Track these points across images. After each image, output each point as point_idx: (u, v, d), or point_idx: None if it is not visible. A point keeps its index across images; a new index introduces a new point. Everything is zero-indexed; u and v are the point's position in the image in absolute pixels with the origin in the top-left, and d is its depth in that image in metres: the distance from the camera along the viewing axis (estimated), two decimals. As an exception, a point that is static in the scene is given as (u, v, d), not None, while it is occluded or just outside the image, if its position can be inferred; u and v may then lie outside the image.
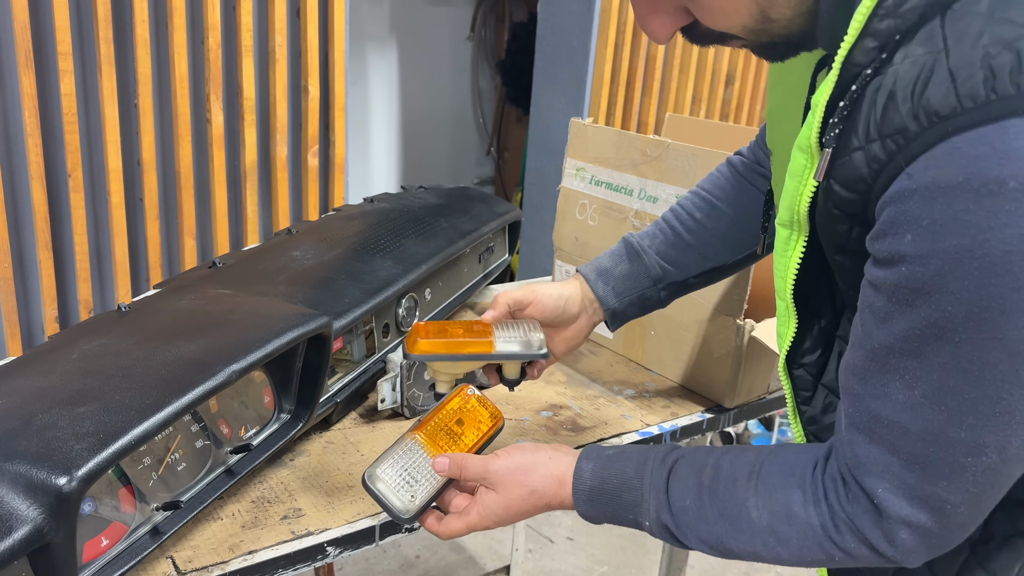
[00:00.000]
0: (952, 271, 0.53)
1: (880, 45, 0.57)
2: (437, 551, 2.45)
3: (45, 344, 0.95)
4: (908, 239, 0.55)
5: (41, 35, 1.78)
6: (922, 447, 0.60)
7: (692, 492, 0.73)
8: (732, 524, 0.71)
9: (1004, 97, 0.50)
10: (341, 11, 2.15)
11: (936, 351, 0.57)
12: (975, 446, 0.58)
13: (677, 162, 1.26)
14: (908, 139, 0.54)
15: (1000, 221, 0.50)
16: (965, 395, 0.57)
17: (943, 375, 0.57)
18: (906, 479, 0.62)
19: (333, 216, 1.47)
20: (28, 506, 0.67)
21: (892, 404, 0.61)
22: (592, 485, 0.78)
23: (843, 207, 0.62)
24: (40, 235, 1.84)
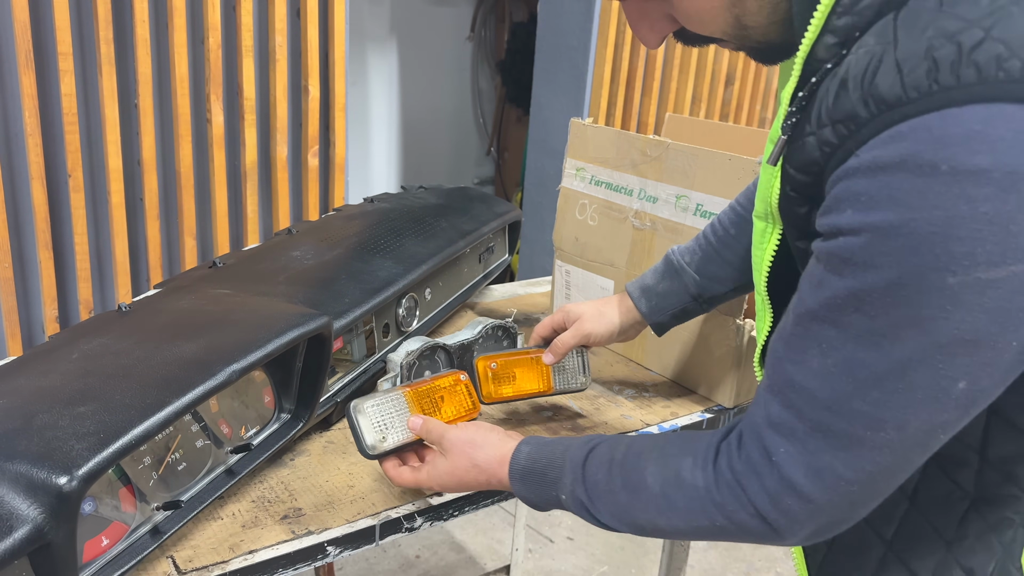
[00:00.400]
0: (878, 244, 0.55)
1: (840, 41, 0.60)
2: (437, 551, 2.45)
3: (45, 344, 0.95)
4: (847, 213, 0.57)
5: (41, 35, 1.78)
6: (826, 416, 0.61)
7: (604, 467, 0.77)
8: (632, 494, 0.74)
9: (945, 88, 0.52)
10: (341, 11, 2.15)
11: (852, 322, 0.58)
12: (876, 420, 0.59)
13: (677, 162, 1.27)
14: (859, 125, 0.56)
15: (929, 202, 0.52)
16: (873, 368, 0.58)
17: (856, 347, 0.59)
18: (807, 445, 0.63)
19: (333, 216, 1.47)
20: (28, 506, 0.67)
21: (806, 370, 0.62)
22: (525, 466, 0.83)
23: (800, 190, 0.65)
24: (40, 235, 1.84)
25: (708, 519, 0.69)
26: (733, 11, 0.64)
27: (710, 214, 1.22)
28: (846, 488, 0.62)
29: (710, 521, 0.69)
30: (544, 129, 2.95)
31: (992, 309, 0.54)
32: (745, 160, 1.17)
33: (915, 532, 0.72)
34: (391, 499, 0.97)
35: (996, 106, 0.51)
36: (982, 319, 0.54)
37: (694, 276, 1.08)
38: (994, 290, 0.53)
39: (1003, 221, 0.52)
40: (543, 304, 1.66)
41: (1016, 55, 0.51)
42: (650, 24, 0.71)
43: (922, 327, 0.56)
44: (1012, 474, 0.68)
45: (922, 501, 0.72)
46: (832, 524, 0.66)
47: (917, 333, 0.56)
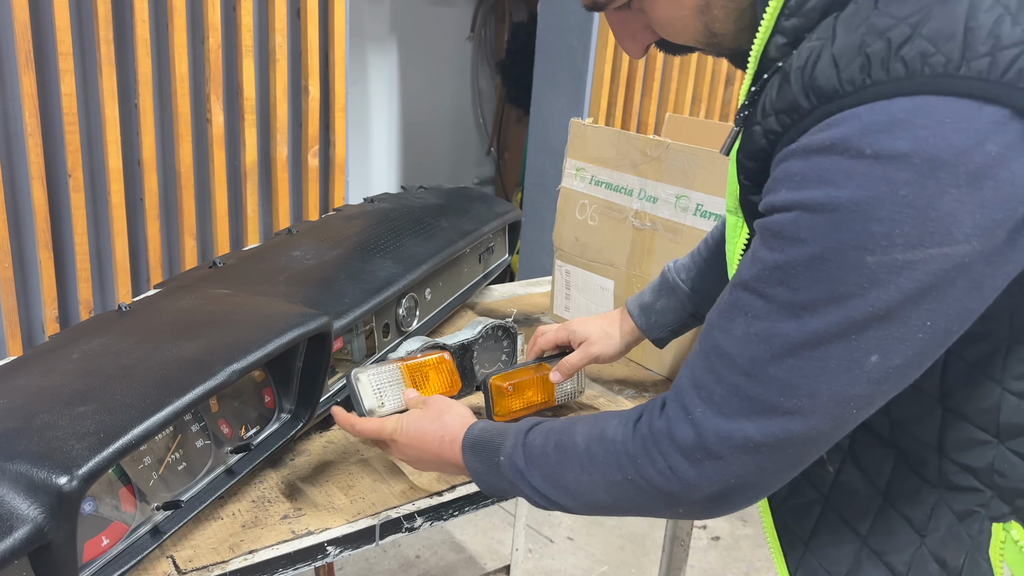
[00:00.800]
0: (805, 220, 0.59)
1: (790, 41, 0.63)
2: (437, 551, 2.45)
3: (45, 344, 0.95)
4: (782, 192, 0.61)
5: (41, 35, 1.78)
6: (744, 380, 0.64)
7: (543, 433, 0.81)
8: (561, 452, 0.78)
9: (877, 82, 0.55)
10: (341, 11, 2.15)
11: (777, 294, 0.61)
12: (789, 386, 0.62)
13: (677, 162, 1.27)
14: (801, 115, 0.60)
15: (853, 182, 0.56)
16: (791, 338, 0.61)
17: (779, 317, 0.62)
18: (723, 408, 0.65)
19: (333, 216, 1.47)
20: (29, 505, 0.67)
21: (730, 337, 0.65)
22: (477, 435, 0.88)
23: (751, 178, 0.68)
24: (40, 235, 1.85)
25: (621, 472, 0.72)
26: (702, 19, 0.68)
27: (710, 214, 1.22)
28: (754, 452, 0.65)
29: (623, 475, 0.72)
30: (544, 129, 2.95)
31: (907, 289, 0.57)
32: (745, 160, 1.17)
33: (889, 526, 0.74)
34: (391, 499, 0.97)
35: (921, 98, 0.54)
36: (896, 298, 0.57)
37: (689, 292, 1.10)
38: (910, 271, 0.56)
39: (921, 205, 0.54)
40: (543, 304, 1.66)
41: (940, 51, 0.54)
42: (631, 35, 0.75)
43: (840, 302, 0.58)
44: (970, 467, 0.69)
45: (894, 496, 0.74)
46: (740, 489, 0.67)
47: (835, 307, 0.59)
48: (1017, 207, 0.55)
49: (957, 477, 0.70)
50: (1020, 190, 0.55)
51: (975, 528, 0.70)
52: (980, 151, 0.53)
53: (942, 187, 0.54)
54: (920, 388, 0.69)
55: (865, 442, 0.75)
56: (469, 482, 1.01)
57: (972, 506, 0.70)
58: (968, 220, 0.55)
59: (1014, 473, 0.67)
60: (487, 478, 0.86)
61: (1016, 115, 0.54)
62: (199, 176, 2.08)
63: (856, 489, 0.76)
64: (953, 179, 0.54)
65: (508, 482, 0.83)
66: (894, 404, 0.71)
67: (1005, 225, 0.55)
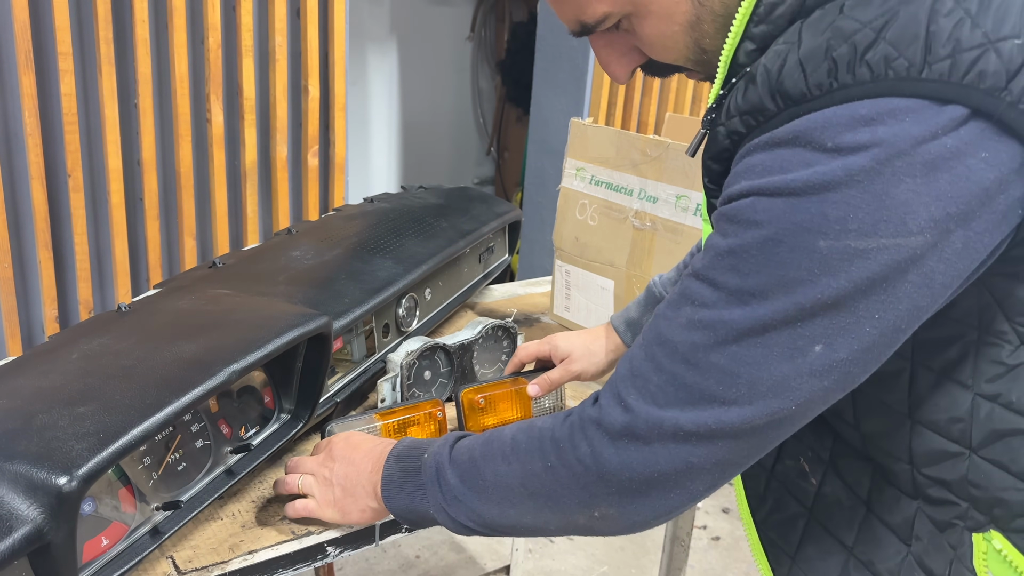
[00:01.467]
0: (761, 204, 0.59)
1: (759, 48, 0.64)
2: (437, 551, 2.45)
3: (45, 344, 0.95)
4: (742, 183, 0.61)
5: (41, 35, 1.78)
6: (682, 368, 0.63)
7: (474, 438, 0.79)
8: (486, 445, 0.76)
9: (844, 85, 0.56)
10: (341, 11, 2.15)
11: (727, 280, 0.61)
12: (729, 374, 0.61)
13: (677, 162, 1.26)
14: (767, 117, 0.60)
15: (811, 170, 0.56)
16: (736, 325, 0.60)
17: (726, 304, 0.61)
18: (657, 398, 0.64)
19: (333, 216, 1.47)
20: (28, 506, 0.67)
21: (674, 324, 0.64)
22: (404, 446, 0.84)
23: (715, 180, 0.68)
24: (40, 235, 1.84)
25: (542, 459, 0.70)
26: (692, 35, 0.68)
27: (710, 214, 1.22)
28: (683, 441, 0.63)
29: (543, 462, 0.70)
30: (544, 129, 2.95)
31: (857, 279, 0.57)
32: (745, 160, 1.17)
33: (875, 535, 0.73)
34: (391, 499, 0.97)
35: (884, 100, 0.55)
36: (846, 286, 0.57)
37: None
38: (862, 260, 0.56)
39: (876, 192, 0.55)
40: (543, 304, 1.66)
41: (903, 55, 0.55)
42: (618, 57, 0.74)
43: (788, 287, 0.58)
44: (942, 480, 0.68)
45: (876, 505, 0.73)
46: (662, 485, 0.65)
47: (783, 293, 0.58)
48: (971, 202, 0.55)
49: (931, 490, 0.69)
50: (974, 186, 0.55)
51: (955, 539, 0.69)
52: (936, 143, 0.54)
53: (898, 176, 0.55)
54: (887, 402, 0.68)
55: (844, 454, 0.74)
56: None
57: (949, 518, 0.69)
58: (923, 212, 0.55)
59: (989, 483, 0.66)
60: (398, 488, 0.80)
61: (975, 115, 0.55)
62: (199, 176, 2.08)
63: (839, 500, 0.75)
64: (909, 168, 0.55)
65: (420, 488, 0.78)
66: (863, 418, 0.71)
67: (958, 219, 0.56)
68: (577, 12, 0.69)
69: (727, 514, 2.74)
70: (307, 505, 0.89)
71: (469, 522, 0.76)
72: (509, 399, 1.11)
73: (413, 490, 0.80)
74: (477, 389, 1.09)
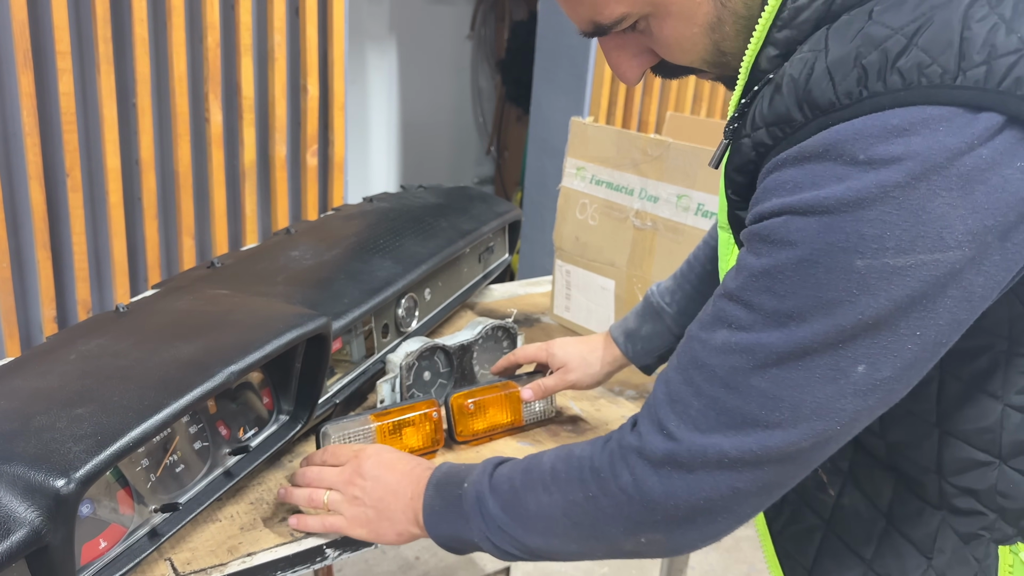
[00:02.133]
0: (795, 222, 0.57)
1: (782, 53, 0.62)
2: (436, 552, 2.45)
3: (43, 345, 0.94)
4: (772, 201, 0.59)
5: (39, 34, 1.78)
6: (723, 393, 0.62)
7: (514, 463, 0.78)
8: (526, 474, 0.75)
9: (874, 93, 0.55)
10: (340, 10, 2.15)
11: (763, 302, 0.60)
12: (771, 399, 0.60)
13: (678, 162, 1.26)
14: (794, 128, 0.59)
15: (844, 185, 0.55)
16: (775, 347, 0.59)
17: (763, 327, 0.60)
18: (699, 423, 0.63)
19: (332, 216, 1.47)
20: (26, 508, 0.66)
21: (711, 348, 0.63)
22: (443, 472, 0.83)
23: (739, 192, 0.67)
24: (38, 235, 1.84)
25: (583, 489, 0.69)
26: (712, 37, 0.66)
27: (711, 214, 1.22)
28: (728, 468, 0.62)
29: (584, 492, 0.69)
30: (544, 128, 2.94)
31: (897, 297, 0.55)
32: (746, 160, 1.16)
33: (894, 549, 0.72)
34: (391, 501, 0.97)
35: (917, 108, 0.54)
36: (886, 305, 0.56)
37: (674, 317, 1.07)
38: (900, 277, 0.55)
39: (912, 207, 0.54)
40: (543, 304, 1.66)
41: (936, 62, 0.53)
42: (629, 59, 0.71)
43: (827, 309, 0.57)
44: (971, 490, 0.68)
45: (896, 518, 0.72)
46: (708, 512, 0.64)
47: (822, 315, 0.57)
48: (1008, 213, 0.54)
49: (958, 500, 0.68)
50: (1012, 196, 0.54)
51: (981, 551, 0.69)
52: (972, 155, 0.53)
53: (933, 190, 0.53)
54: (914, 412, 0.67)
55: (864, 464, 0.73)
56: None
57: (975, 529, 0.68)
58: (959, 225, 0.54)
59: (1018, 493, 0.65)
60: (441, 517, 0.80)
61: (1011, 122, 0.53)
62: (197, 176, 2.07)
63: (858, 512, 0.74)
64: (944, 182, 0.53)
65: (463, 517, 0.77)
66: (889, 428, 0.69)
67: (996, 231, 0.55)
68: (592, 13, 0.66)
69: (727, 514, 2.74)
70: (334, 523, 0.87)
71: (514, 550, 0.75)
72: (499, 404, 1.11)
73: (457, 519, 0.79)
74: (467, 394, 1.09)
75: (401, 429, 1.03)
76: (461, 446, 1.10)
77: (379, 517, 0.85)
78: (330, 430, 0.98)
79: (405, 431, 1.03)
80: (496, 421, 1.11)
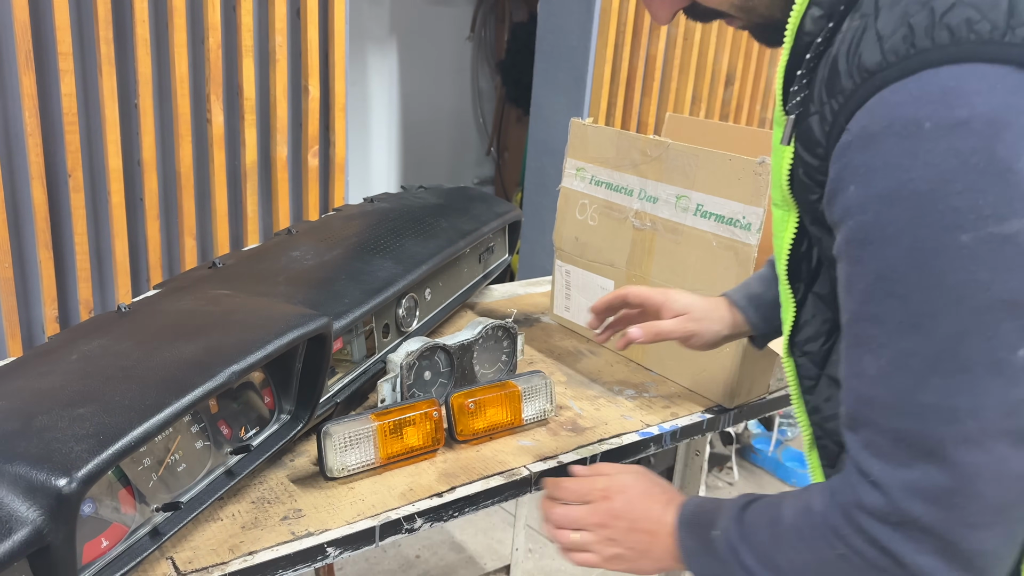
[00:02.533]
0: (887, 215, 0.55)
1: (826, 14, 0.62)
2: (437, 551, 2.45)
3: (45, 345, 0.95)
4: (851, 190, 0.57)
5: (41, 35, 1.78)
6: (900, 421, 0.59)
7: (757, 510, 0.74)
8: (772, 528, 0.71)
9: (921, 50, 0.54)
10: (341, 11, 2.15)
11: (889, 311, 0.57)
12: (948, 411, 0.56)
13: (677, 162, 1.26)
14: (847, 97, 0.58)
15: (920, 161, 0.54)
16: (923, 354, 0.56)
17: (900, 336, 0.57)
18: (896, 458, 0.59)
19: (333, 216, 1.47)
20: (28, 508, 0.67)
21: (866, 380, 0.61)
22: (691, 510, 0.80)
23: (810, 173, 0.65)
24: (40, 235, 1.84)
25: (830, 548, 0.64)
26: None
27: (710, 214, 1.22)
28: (948, 501, 0.57)
29: (832, 550, 0.64)
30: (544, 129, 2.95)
31: (1018, 265, 0.53)
32: (745, 160, 1.17)
33: None
34: (391, 500, 0.97)
35: (968, 65, 0.53)
36: (1011, 277, 0.53)
37: None
38: (1012, 245, 0.53)
39: (997, 170, 0.52)
40: (543, 304, 1.66)
41: (986, 17, 0.53)
42: None
43: (954, 294, 0.54)
44: None
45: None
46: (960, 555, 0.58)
47: (951, 302, 0.54)
48: None
49: None
50: None
51: None
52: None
53: (1012, 148, 0.52)
54: None
55: None
56: (469, 482, 1.01)
57: None
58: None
59: None
60: (700, 558, 0.77)
61: None
62: (199, 176, 2.08)
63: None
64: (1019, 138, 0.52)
65: (720, 562, 0.74)
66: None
67: None
68: None
69: (727, 514, 2.74)
70: (587, 559, 0.86)
71: None
72: (499, 403, 1.12)
73: (714, 563, 0.75)
74: (467, 393, 1.09)
75: (402, 428, 1.03)
76: (461, 445, 1.10)
77: (638, 557, 0.83)
78: (331, 429, 0.98)
79: (406, 430, 1.03)
80: (496, 420, 1.12)
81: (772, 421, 3.01)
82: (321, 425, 1.00)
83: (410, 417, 1.04)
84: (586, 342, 1.49)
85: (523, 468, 1.06)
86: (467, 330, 1.23)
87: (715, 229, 1.21)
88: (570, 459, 1.09)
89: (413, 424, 1.04)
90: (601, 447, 1.13)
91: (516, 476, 1.04)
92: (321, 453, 0.99)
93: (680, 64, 2.91)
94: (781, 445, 3.07)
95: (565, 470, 1.09)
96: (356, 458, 1.00)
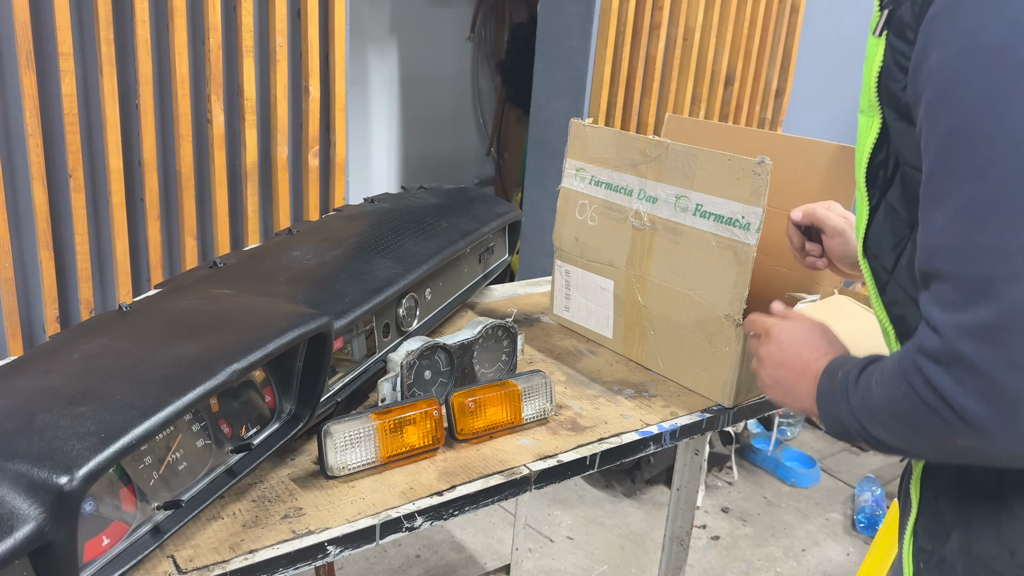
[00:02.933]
0: (961, 70, 0.60)
1: None
2: (437, 550, 2.45)
3: (46, 344, 0.95)
4: (932, 55, 0.63)
5: (42, 35, 1.78)
6: (960, 265, 0.63)
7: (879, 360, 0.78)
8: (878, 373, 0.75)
9: None
10: (341, 11, 2.15)
11: (959, 160, 0.62)
12: (1001, 251, 0.60)
13: (677, 162, 1.27)
14: None
15: (995, 18, 0.60)
16: (985, 197, 0.61)
17: (967, 182, 0.62)
18: (956, 303, 0.63)
19: (333, 216, 1.47)
20: (29, 505, 0.67)
21: (938, 232, 0.65)
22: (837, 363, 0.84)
23: (898, 58, 0.70)
24: (41, 235, 1.85)
25: (898, 386, 0.69)
26: None
27: (710, 214, 1.23)
28: (994, 338, 0.60)
29: (899, 388, 0.69)
30: (544, 129, 2.95)
31: None
32: (744, 160, 1.17)
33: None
34: (391, 499, 0.98)
35: None
36: None
37: None
38: None
39: None
40: (543, 304, 1.66)
41: None
42: None
43: (1015, 137, 0.59)
44: None
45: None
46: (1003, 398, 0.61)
47: (1012, 146, 0.59)
48: None
49: None
50: None
51: None
52: None
53: None
54: None
55: None
56: (469, 481, 1.02)
57: None
58: None
59: None
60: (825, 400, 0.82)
61: None
62: (199, 176, 2.08)
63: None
64: None
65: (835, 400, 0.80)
66: None
67: None
68: None
69: (726, 514, 2.74)
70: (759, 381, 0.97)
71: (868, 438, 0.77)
72: (498, 403, 1.12)
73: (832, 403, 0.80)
74: (467, 393, 1.10)
75: (402, 427, 1.03)
76: (461, 444, 1.10)
77: (784, 392, 0.92)
78: (332, 428, 0.99)
79: (406, 429, 1.04)
80: (496, 420, 1.12)
81: (771, 421, 3.01)
82: (322, 424, 1.00)
83: (410, 416, 1.04)
84: (586, 342, 1.49)
85: (523, 467, 1.06)
86: (467, 330, 1.24)
87: (714, 229, 1.22)
88: (570, 458, 1.10)
89: (413, 423, 1.04)
90: (601, 446, 1.13)
91: (516, 475, 1.05)
92: (322, 452, 0.99)
93: (680, 64, 2.91)
94: (781, 445, 3.08)
95: (565, 470, 1.09)
96: (356, 457, 1.00)
